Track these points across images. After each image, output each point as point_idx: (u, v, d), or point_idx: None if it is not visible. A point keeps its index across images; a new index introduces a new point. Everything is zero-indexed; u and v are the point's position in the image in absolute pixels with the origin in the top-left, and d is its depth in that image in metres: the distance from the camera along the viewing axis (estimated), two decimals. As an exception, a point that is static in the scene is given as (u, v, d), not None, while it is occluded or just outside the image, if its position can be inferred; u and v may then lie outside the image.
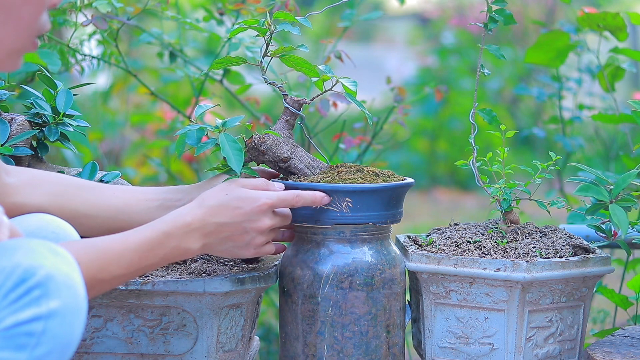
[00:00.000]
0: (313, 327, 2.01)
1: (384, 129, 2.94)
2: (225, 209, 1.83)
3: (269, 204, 1.86)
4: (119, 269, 1.71)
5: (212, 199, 1.83)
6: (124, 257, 1.72)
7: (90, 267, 1.66)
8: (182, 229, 1.79)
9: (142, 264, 1.75)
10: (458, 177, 6.68)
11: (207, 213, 1.82)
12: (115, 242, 1.73)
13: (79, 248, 1.68)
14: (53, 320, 1.42)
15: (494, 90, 6.86)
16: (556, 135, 3.26)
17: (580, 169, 2.07)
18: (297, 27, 2.02)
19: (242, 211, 1.84)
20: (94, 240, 1.71)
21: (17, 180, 1.88)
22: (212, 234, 1.82)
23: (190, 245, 1.80)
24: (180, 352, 1.94)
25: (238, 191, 1.85)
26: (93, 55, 2.79)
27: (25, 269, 1.43)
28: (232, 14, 2.80)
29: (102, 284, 1.69)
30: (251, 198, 1.85)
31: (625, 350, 1.99)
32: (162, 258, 1.78)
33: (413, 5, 9.30)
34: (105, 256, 1.69)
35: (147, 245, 1.75)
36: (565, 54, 2.90)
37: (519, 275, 1.95)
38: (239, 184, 1.87)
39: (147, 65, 4.48)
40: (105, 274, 1.69)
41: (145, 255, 1.75)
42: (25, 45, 1.57)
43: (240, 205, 1.84)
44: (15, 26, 1.54)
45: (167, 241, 1.77)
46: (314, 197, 1.93)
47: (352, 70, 2.62)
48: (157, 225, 1.78)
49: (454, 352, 2.04)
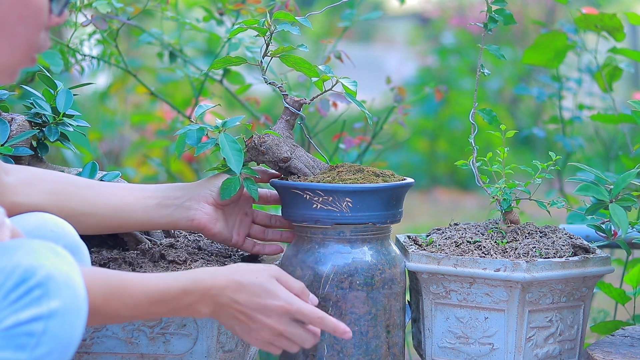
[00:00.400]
0: (313, 327, 2.01)
1: (384, 129, 2.94)
2: (246, 290, 1.74)
3: (287, 309, 1.76)
4: (125, 310, 1.65)
5: (240, 275, 1.75)
6: (134, 300, 1.66)
7: (97, 298, 1.60)
8: (201, 291, 1.72)
9: (150, 311, 1.68)
10: (458, 177, 6.68)
11: (229, 286, 1.74)
12: (131, 282, 1.66)
13: (95, 276, 1.63)
14: (53, 320, 1.42)
15: (494, 90, 6.86)
16: (556, 135, 3.27)
17: (580, 169, 2.07)
18: (297, 27, 2.02)
19: (259, 301, 1.75)
20: (111, 274, 1.66)
21: (16, 179, 1.88)
22: (223, 306, 1.74)
23: (200, 309, 1.73)
24: (180, 352, 1.94)
25: (267, 280, 1.76)
26: (93, 55, 2.79)
27: (25, 268, 1.43)
28: (232, 14, 2.80)
29: (103, 317, 1.64)
30: (273, 294, 1.75)
31: (625, 350, 1.99)
32: (170, 311, 1.71)
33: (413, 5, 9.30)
34: (115, 292, 1.64)
35: (161, 296, 1.68)
36: (563, 54, 2.90)
37: (519, 275, 1.95)
38: (275, 275, 1.78)
39: (146, 65, 4.48)
40: (109, 309, 1.63)
41: (155, 304, 1.68)
42: (21, 62, 1.55)
43: (260, 295, 1.75)
44: (9, 43, 1.53)
45: (183, 298, 1.71)
46: (336, 327, 1.78)
47: (352, 70, 2.63)
48: (178, 279, 1.71)
49: (454, 352, 2.04)
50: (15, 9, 1.52)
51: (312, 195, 1.97)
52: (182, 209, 1.97)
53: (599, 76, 2.95)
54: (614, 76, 2.94)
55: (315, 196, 1.97)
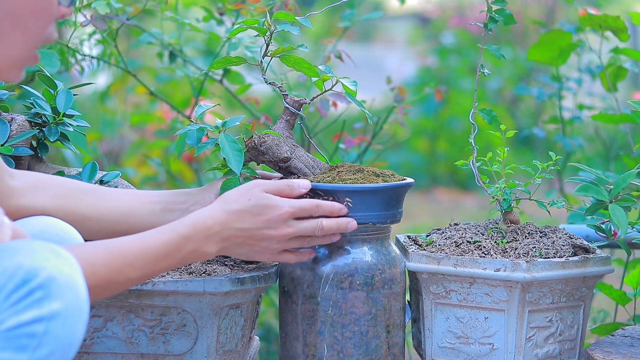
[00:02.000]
0: (313, 327, 2.01)
1: (384, 129, 2.94)
2: (247, 215, 1.82)
3: (291, 212, 1.86)
4: (134, 272, 1.69)
5: (234, 204, 1.82)
6: (140, 260, 1.70)
7: (104, 270, 1.64)
8: (203, 233, 1.78)
9: (158, 266, 1.73)
10: (458, 177, 6.68)
11: (229, 218, 1.81)
12: (133, 244, 1.71)
13: (96, 249, 1.66)
14: (55, 321, 1.42)
15: (494, 90, 6.86)
16: (556, 135, 3.26)
17: (580, 169, 2.07)
18: (297, 27, 2.02)
19: (264, 218, 1.84)
20: (110, 242, 1.69)
21: (21, 183, 1.88)
22: (230, 238, 1.82)
23: (207, 249, 1.79)
24: (181, 352, 1.94)
25: (261, 197, 1.84)
26: (92, 55, 2.79)
27: (27, 270, 1.43)
28: (232, 13, 2.80)
29: (116, 285, 1.68)
30: (273, 206, 1.84)
31: (625, 350, 1.99)
32: (179, 261, 1.76)
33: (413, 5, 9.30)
34: (120, 259, 1.67)
35: (165, 249, 1.73)
36: (568, 53, 2.90)
37: (519, 275, 1.95)
38: (263, 188, 1.86)
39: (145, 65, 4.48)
40: (119, 277, 1.67)
41: (162, 259, 1.73)
42: (30, 56, 1.56)
43: (262, 213, 1.83)
44: (22, 36, 1.53)
45: (186, 245, 1.76)
46: (332, 208, 1.92)
47: (352, 70, 2.62)
48: (177, 228, 1.76)
49: (454, 352, 2.04)
50: (29, 2, 1.52)
51: (312, 196, 1.97)
52: (187, 213, 1.96)
53: (603, 76, 2.95)
54: (618, 76, 2.94)
55: (315, 196, 1.97)
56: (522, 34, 7.06)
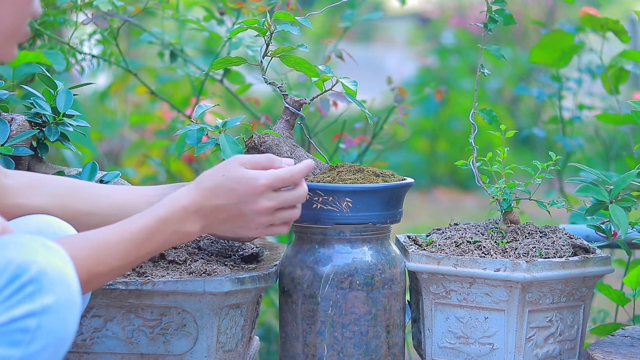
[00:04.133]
0: (313, 327, 2.01)
1: (384, 129, 2.94)
2: (220, 190, 1.77)
3: (266, 184, 1.78)
4: (116, 261, 1.67)
5: (208, 181, 1.78)
6: (121, 248, 1.68)
7: (86, 262, 1.62)
8: (179, 213, 1.75)
9: (141, 252, 1.71)
10: (458, 177, 6.68)
11: (203, 195, 1.76)
12: (111, 233, 1.69)
13: (74, 242, 1.65)
14: (47, 315, 1.43)
15: (494, 90, 6.86)
16: (556, 135, 3.26)
17: (581, 169, 2.07)
18: (297, 27, 2.02)
19: (237, 193, 1.77)
20: (89, 234, 1.68)
21: (16, 183, 1.88)
22: (209, 215, 1.77)
23: (189, 229, 1.76)
24: (180, 352, 1.94)
25: (235, 171, 1.78)
26: (93, 54, 2.79)
27: (18, 265, 1.43)
28: (232, 13, 2.80)
29: (100, 277, 1.66)
30: (247, 178, 1.78)
31: (625, 350, 1.99)
32: (162, 244, 1.73)
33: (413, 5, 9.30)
34: (101, 249, 1.66)
35: (144, 234, 1.71)
36: (570, 55, 2.90)
37: (519, 275, 1.95)
38: (239, 162, 1.80)
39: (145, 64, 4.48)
40: (102, 267, 1.65)
41: (143, 244, 1.71)
42: (20, 30, 1.55)
43: (235, 187, 1.77)
44: (11, 7, 1.53)
45: (165, 227, 1.73)
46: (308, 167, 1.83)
47: (352, 70, 2.62)
48: (153, 212, 1.73)
49: (454, 352, 2.04)
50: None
51: (312, 195, 1.97)
52: None
53: (604, 78, 2.94)
54: (620, 78, 2.93)
55: (315, 196, 1.97)
56: (522, 34, 7.06)
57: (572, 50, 2.89)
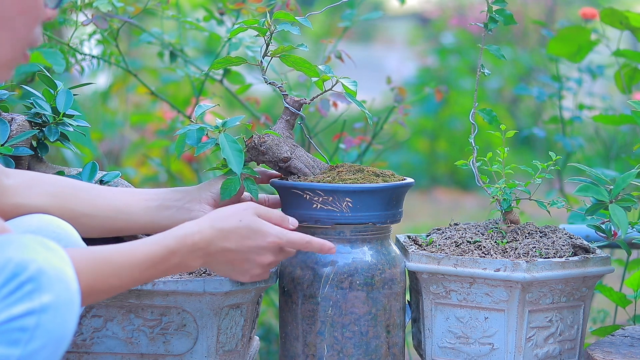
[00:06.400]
0: (313, 327, 2.01)
1: (384, 129, 2.94)
2: (234, 235, 1.81)
3: (278, 243, 1.84)
4: (117, 281, 1.67)
5: (224, 222, 1.80)
6: (125, 270, 1.68)
7: (87, 277, 1.62)
8: (188, 248, 1.76)
9: (142, 277, 1.72)
10: (458, 177, 6.68)
11: (216, 236, 1.79)
12: (118, 253, 1.69)
13: (78, 256, 1.64)
14: (46, 314, 1.43)
15: (494, 90, 6.86)
16: (556, 135, 3.26)
17: (581, 169, 2.07)
18: (297, 27, 2.02)
19: (250, 243, 1.82)
20: (96, 249, 1.67)
21: (16, 182, 1.89)
22: (215, 255, 1.80)
23: (192, 263, 1.78)
24: (180, 352, 1.94)
25: (251, 220, 1.82)
26: (93, 54, 2.79)
27: (17, 263, 1.43)
28: (232, 13, 2.80)
29: (98, 293, 1.66)
30: (262, 232, 1.83)
31: (625, 350, 1.99)
32: (162, 272, 1.75)
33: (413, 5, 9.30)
34: (105, 267, 1.66)
35: (150, 261, 1.71)
36: (587, 50, 2.91)
37: (519, 275, 1.95)
38: (254, 212, 1.84)
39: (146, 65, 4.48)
40: (103, 285, 1.65)
41: (146, 270, 1.71)
42: (17, 57, 1.56)
43: (250, 236, 1.82)
44: (10, 37, 1.54)
45: (171, 258, 1.74)
46: (322, 246, 1.89)
47: (352, 70, 2.62)
48: (163, 241, 1.74)
49: (454, 352, 2.04)
50: (16, 2, 1.52)
51: (312, 195, 1.97)
52: (183, 210, 1.97)
53: (617, 77, 2.93)
54: (633, 78, 2.92)
55: (315, 196, 1.97)
56: (522, 34, 7.06)
57: (588, 46, 2.90)
